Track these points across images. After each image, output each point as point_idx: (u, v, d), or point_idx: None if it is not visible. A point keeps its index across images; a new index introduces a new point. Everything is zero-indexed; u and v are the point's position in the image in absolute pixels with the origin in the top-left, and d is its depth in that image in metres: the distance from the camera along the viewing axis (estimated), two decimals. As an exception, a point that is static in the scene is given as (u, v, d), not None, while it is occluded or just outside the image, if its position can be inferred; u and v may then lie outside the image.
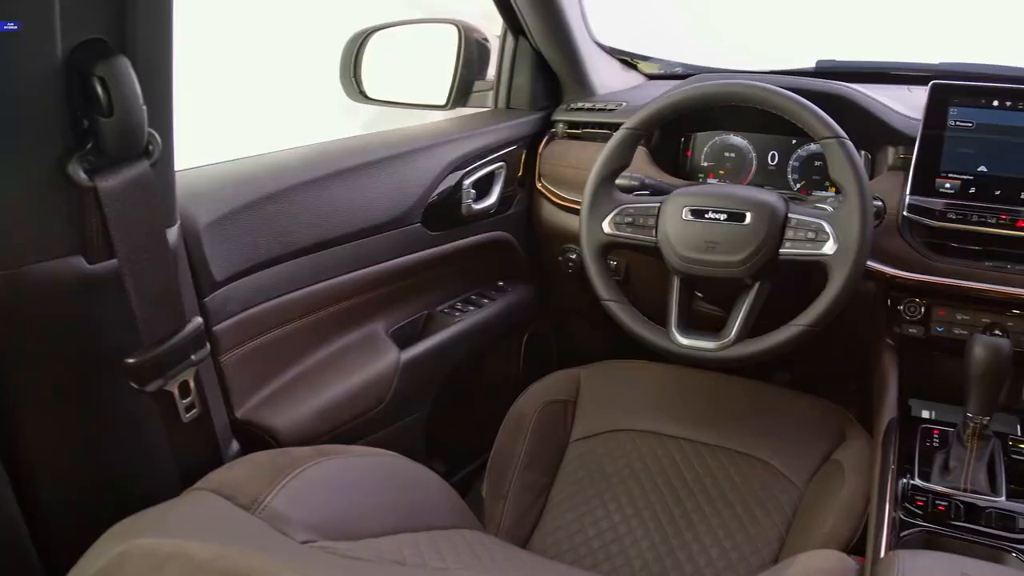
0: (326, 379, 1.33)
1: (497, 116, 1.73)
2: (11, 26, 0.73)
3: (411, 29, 1.76)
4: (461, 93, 1.71)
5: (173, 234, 0.96)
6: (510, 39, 1.75)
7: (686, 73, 1.91)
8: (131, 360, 0.88)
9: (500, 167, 1.63)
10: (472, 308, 1.64)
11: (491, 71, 1.80)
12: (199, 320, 0.96)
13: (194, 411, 0.97)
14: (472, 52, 1.70)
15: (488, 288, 1.73)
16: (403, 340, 1.48)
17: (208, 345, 0.99)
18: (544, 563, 1.13)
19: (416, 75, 1.79)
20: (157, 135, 0.87)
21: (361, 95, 1.74)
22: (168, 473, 0.99)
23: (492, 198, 1.63)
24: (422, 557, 0.95)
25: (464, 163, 1.55)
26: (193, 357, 0.95)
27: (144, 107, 0.82)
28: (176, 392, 0.94)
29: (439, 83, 1.71)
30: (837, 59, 1.84)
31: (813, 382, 2.00)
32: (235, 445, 1.17)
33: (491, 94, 1.80)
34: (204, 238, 1.10)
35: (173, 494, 0.89)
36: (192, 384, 0.96)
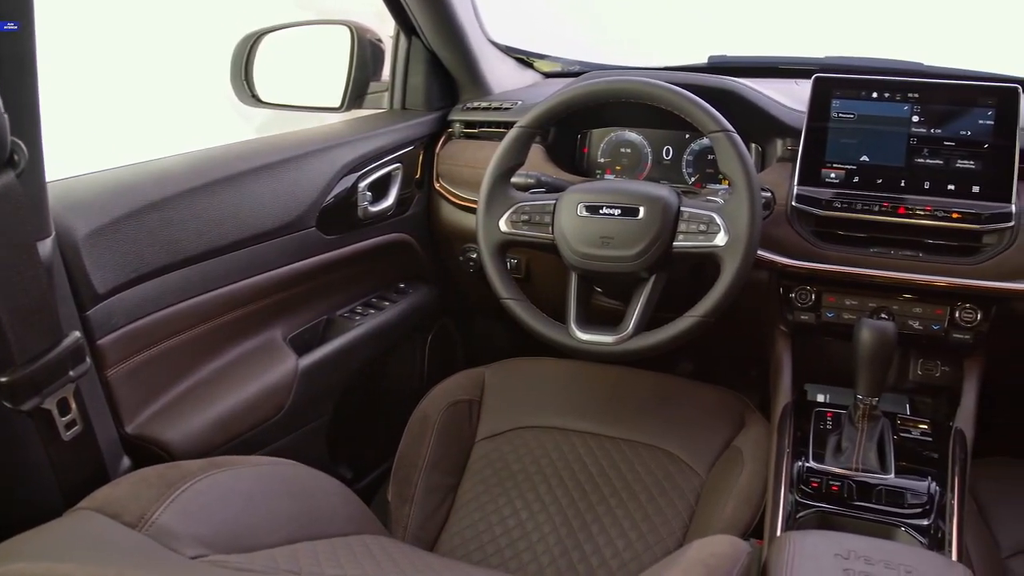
0: (221, 389, 1.30)
1: (392, 117, 1.72)
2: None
3: (303, 31, 1.74)
4: (356, 95, 1.70)
5: (47, 247, 0.92)
6: (403, 39, 1.74)
7: (582, 71, 1.93)
8: (3, 379, 0.84)
9: (396, 168, 1.62)
10: (373, 311, 1.62)
11: (386, 72, 1.79)
12: (77, 335, 0.93)
13: (76, 428, 0.94)
14: (366, 53, 1.69)
15: (389, 290, 1.72)
16: (302, 346, 1.46)
17: (89, 360, 0.96)
18: (448, 564, 1.13)
19: (310, 77, 1.77)
20: (22, 144, 0.83)
21: (254, 99, 1.72)
22: (51, 494, 0.95)
23: (389, 200, 1.61)
24: (319, 565, 0.94)
25: (359, 165, 1.53)
26: (72, 373, 0.92)
27: (5, 115, 0.79)
28: (54, 410, 0.90)
29: (334, 85, 1.70)
30: (728, 55, 1.88)
31: (716, 371, 2.05)
32: (126, 461, 1.13)
33: (386, 95, 1.79)
34: (83, 249, 1.07)
35: (57, 515, 0.86)
36: (72, 401, 0.93)
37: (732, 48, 1.89)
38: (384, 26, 1.75)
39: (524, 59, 1.99)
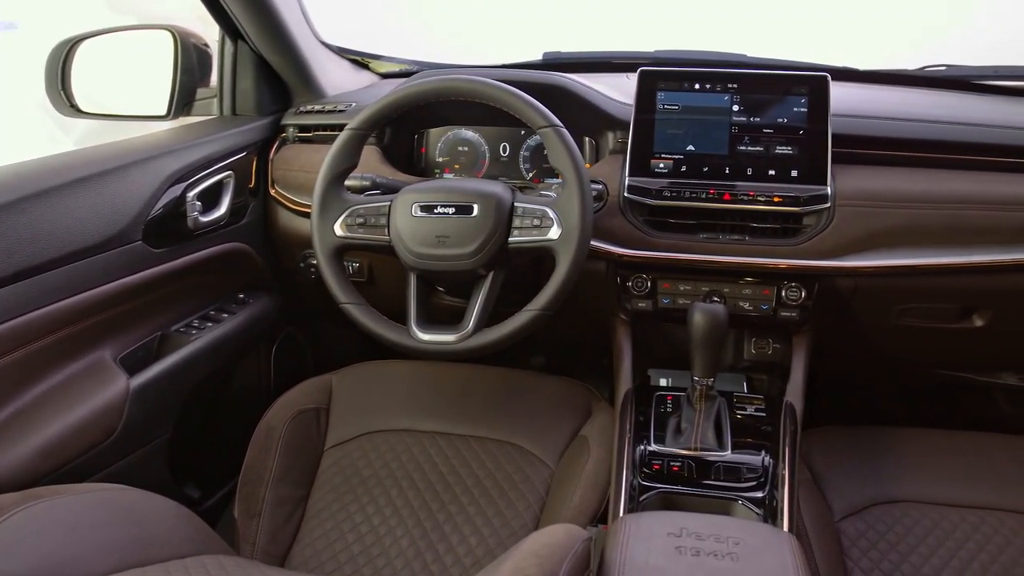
0: (45, 416, 1.23)
1: (222, 124, 1.66)
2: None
3: (123, 36, 1.67)
4: (183, 102, 1.65)
5: None
6: (229, 44, 1.69)
7: (418, 70, 1.93)
8: None
9: (228, 176, 1.57)
10: (211, 324, 1.57)
11: (215, 77, 1.74)
12: None
13: None
14: (191, 58, 1.64)
15: (228, 302, 1.67)
16: (135, 365, 1.40)
17: None
18: None
19: (136, 85, 1.70)
20: None
21: (72, 109, 1.64)
22: None
23: (222, 209, 1.56)
24: None
25: (187, 175, 1.48)
26: None
27: None
28: None
29: (160, 92, 1.64)
30: (562, 51, 1.92)
31: (569, 362, 2.08)
32: None
33: (216, 101, 1.73)
34: None
35: None
36: None
37: (571, 44, 1.93)
38: (210, 30, 1.69)
39: (359, 60, 1.96)
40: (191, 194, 1.48)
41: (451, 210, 1.31)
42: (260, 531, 1.37)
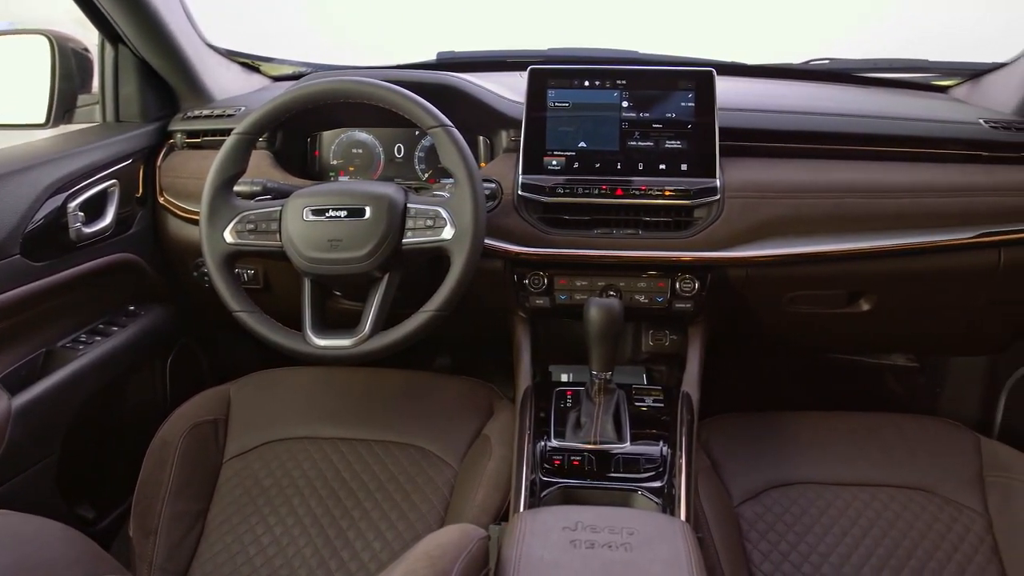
0: None
1: (105, 131, 1.61)
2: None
3: (-5, 41, 1.61)
4: (63, 109, 1.59)
5: None
6: (109, 48, 1.63)
7: (311, 72, 1.90)
8: None
9: (113, 185, 1.52)
10: (100, 338, 1.52)
11: (96, 83, 1.68)
12: None
13: None
14: (69, 64, 1.58)
15: (118, 314, 1.62)
16: (18, 383, 1.34)
17: None
18: None
19: (10, 92, 1.63)
20: None
21: (-61, 119, 1.57)
22: None
23: (107, 219, 1.51)
24: None
25: (68, 184, 1.42)
26: None
27: None
28: None
29: (39, 99, 1.57)
30: (456, 51, 1.91)
31: (473, 363, 2.08)
32: None
33: (98, 108, 1.68)
34: None
35: None
36: None
37: (471, 44, 1.92)
38: (89, 34, 1.64)
39: (249, 63, 1.92)
40: (72, 204, 1.43)
41: (343, 213, 1.29)
42: (157, 549, 1.33)
